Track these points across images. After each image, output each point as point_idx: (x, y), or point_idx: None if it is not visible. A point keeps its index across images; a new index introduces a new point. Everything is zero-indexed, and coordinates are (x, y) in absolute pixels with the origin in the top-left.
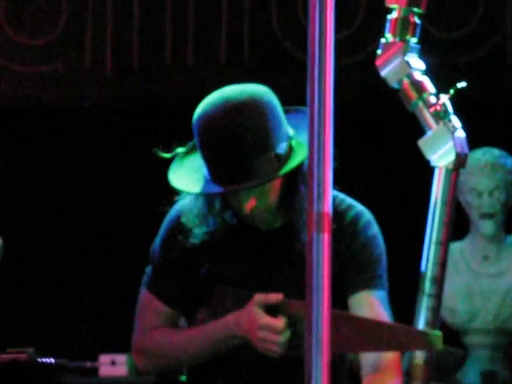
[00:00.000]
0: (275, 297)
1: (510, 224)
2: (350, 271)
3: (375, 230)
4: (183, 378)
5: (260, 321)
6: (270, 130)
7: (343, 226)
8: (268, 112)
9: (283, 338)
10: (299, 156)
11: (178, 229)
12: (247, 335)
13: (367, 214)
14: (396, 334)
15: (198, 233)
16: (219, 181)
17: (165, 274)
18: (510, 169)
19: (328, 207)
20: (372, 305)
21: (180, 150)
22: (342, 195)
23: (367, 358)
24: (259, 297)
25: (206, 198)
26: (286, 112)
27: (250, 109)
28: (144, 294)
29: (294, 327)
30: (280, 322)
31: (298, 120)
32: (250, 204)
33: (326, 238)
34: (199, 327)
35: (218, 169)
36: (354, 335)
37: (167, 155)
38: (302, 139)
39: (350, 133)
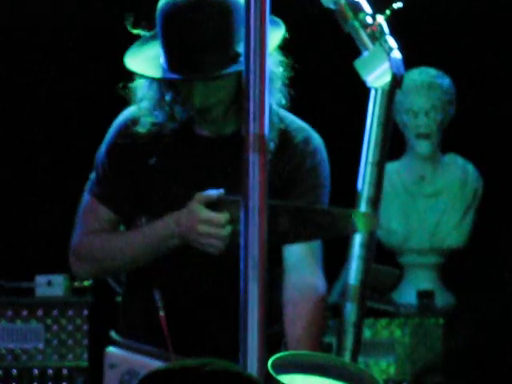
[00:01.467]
0: (216, 193)
1: (446, 144)
2: (293, 192)
3: (324, 155)
4: (119, 298)
5: (201, 215)
6: (233, 26)
7: (292, 146)
8: (234, 8)
9: (225, 231)
10: None
11: (126, 129)
12: (187, 232)
13: (318, 138)
14: (332, 219)
15: (145, 122)
16: (176, 69)
17: (109, 178)
18: (446, 88)
19: (264, 129)
20: None
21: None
22: (292, 116)
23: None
24: (199, 194)
25: (159, 87)
26: None
27: (216, 2)
28: (86, 199)
29: (233, 225)
30: (222, 216)
31: None
32: (202, 97)
33: (262, 159)
34: (138, 229)
35: (176, 56)
36: (292, 225)
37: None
38: None
39: (286, 54)
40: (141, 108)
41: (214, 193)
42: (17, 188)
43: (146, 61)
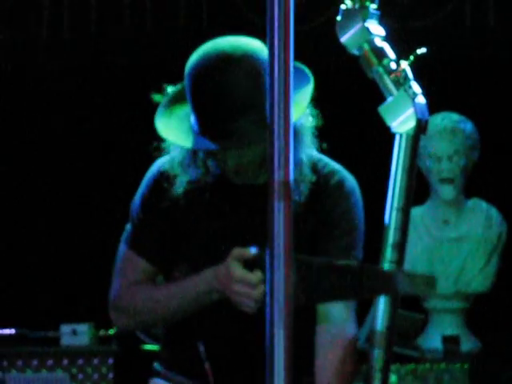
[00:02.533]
0: (252, 251)
1: (470, 188)
2: (327, 236)
3: (358, 197)
4: (147, 346)
5: (235, 274)
6: (261, 88)
7: (326, 190)
8: (263, 69)
9: (257, 292)
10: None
11: (160, 183)
12: (224, 289)
13: (352, 181)
14: (366, 278)
15: (182, 181)
16: (209, 136)
17: (145, 229)
18: (469, 133)
19: (288, 176)
20: None
21: (167, 96)
22: (326, 159)
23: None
24: (236, 250)
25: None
26: None
27: (245, 65)
28: (123, 251)
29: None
30: (254, 276)
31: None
32: (236, 160)
33: (287, 206)
34: (178, 282)
35: (207, 124)
36: (323, 282)
37: (158, 98)
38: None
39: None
40: (174, 165)
41: (250, 250)
42: (43, 238)
43: (176, 124)
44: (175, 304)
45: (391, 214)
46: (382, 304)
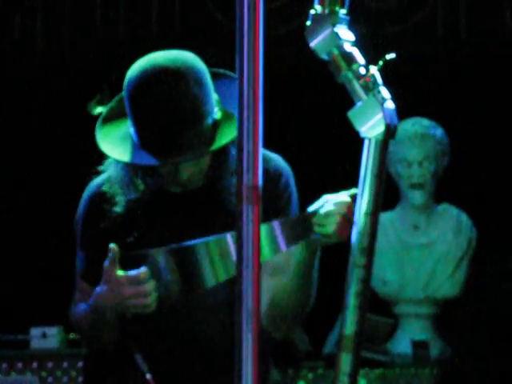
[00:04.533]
0: (114, 250)
1: (440, 194)
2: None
3: (293, 181)
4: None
5: (120, 279)
6: (204, 98)
7: (268, 177)
8: (201, 79)
9: (149, 286)
10: (232, 127)
11: (99, 204)
12: (117, 300)
13: (286, 166)
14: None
15: (121, 200)
16: (151, 150)
17: (87, 255)
18: (440, 139)
19: (258, 180)
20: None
21: (105, 109)
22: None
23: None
24: (109, 254)
25: (132, 166)
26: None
27: (184, 76)
28: (76, 272)
29: (159, 275)
30: (140, 273)
31: (220, 84)
32: (188, 172)
33: (256, 210)
34: (92, 298)
35: (150, 137)
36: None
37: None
38: (228, 106)
39: (279, 105)
40: (112, 185)
41: (115, 250)
42: (12, 239)
43: (117, 138)
44: (97, 320)
45: (360, 219)
46: (350, 308)
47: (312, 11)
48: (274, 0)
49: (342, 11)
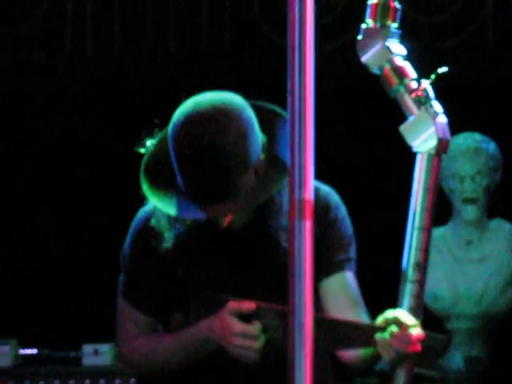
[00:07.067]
0: (248, 305)
1: (492, 209)
2: (322, 254)
3: (344, 210)
4: None
5: (234, 328)
6: (249, 148)
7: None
8: (248, 129)
9: (258, 343)
10: (278, 176)
11: (147, 232)
12: (222, 342)
13: (336, 195)
14: (365, 333)
15: (169, 237)
16: (198, 199)
17: (137, 281)
18: (492, 153)
19: (309, 194)
20: (347, 287)
21: (148, 151)
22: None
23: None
24: (232, 305)
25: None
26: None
27: (231, 128)
28: (121, 303)
29: (267, 333)
30: (254, 328)
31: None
32: (228, 218)
33: (308, 225)
34: (175, 334)
35: (196, 188)
36: (331, 336)
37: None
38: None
39: (331, 119)
40: (160, 221)
41: (245, 305)
42: (68, 257)
43: (161, 187)
44: (173, 356)
45: (413, 234)
46: None
47: (363, 25)
48: (325, 15)
49: (394, 25)
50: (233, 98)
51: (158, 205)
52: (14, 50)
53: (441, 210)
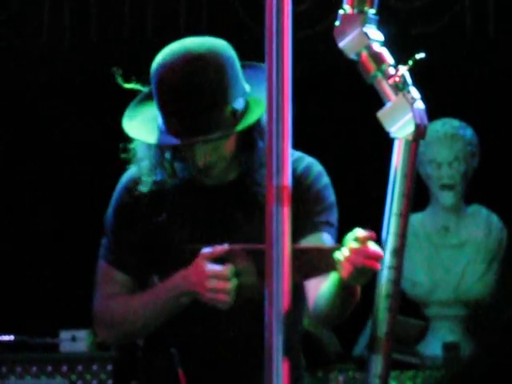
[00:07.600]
0: (220, 249)
1: (470, 195)
2: (301, 218)
3: (326, 180)
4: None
5: (207, 271)
6: (228, 84)
7: (295, 177)
8: (227, 66)
9: (231, 284)
10: (256, 112)
11: (131, 190)
12: (196, 289)
13: (318, 165)
14: (327, 256)
15: (147, 181)
16: (175, 132)
17: (119, 242)
18: (469, 139)
19: (287, 180)
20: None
21: (136, 98)
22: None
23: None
24: (205, 250)
25: (159, 148)
26: (242, 67)
27: (209, 61)
28: (101, 265)
29: (242, 276)
30: (226, 270)
31: (254, 76)
32: (204, 157)
33: (286, 211)
34: (150, 290)
35: (174, 120)
36: (295, 266)
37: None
38: (258, 95)
39: (308, 106)
40: (141, 168)
41: (218, 248)
42: (43, 243)
43: (143, 123)
44: (148, 312)
45: (390, 220)
46: (381, 310)
47: (341, 11)
48: (300, 3)
49: (371, 11)
50: (218, 41)
51: (138, 135)
52: None
53: (418, 196)
